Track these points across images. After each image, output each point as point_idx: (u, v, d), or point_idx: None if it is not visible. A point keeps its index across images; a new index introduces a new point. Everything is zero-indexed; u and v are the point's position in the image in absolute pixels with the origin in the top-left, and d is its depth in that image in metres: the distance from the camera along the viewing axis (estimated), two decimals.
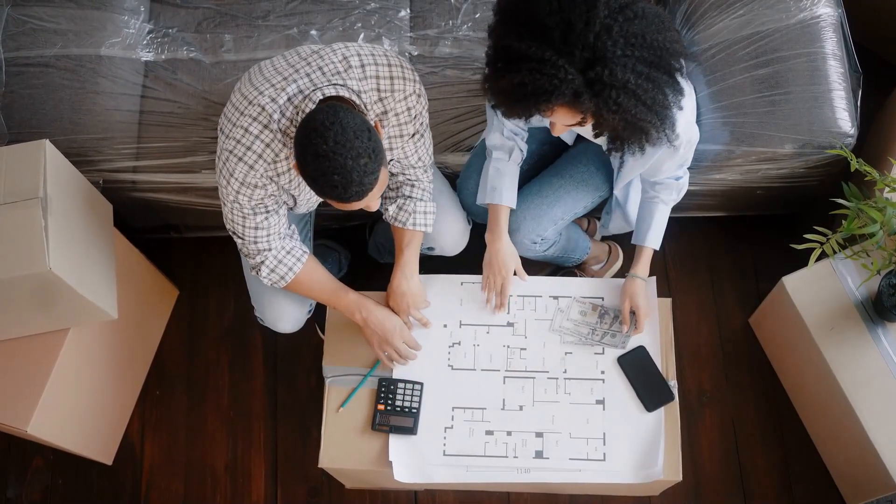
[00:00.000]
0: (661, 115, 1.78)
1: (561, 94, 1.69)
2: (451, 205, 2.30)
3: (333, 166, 1.68)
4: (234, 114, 1.90)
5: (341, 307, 2.17)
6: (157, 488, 2.63)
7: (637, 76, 1.70)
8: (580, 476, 2.10)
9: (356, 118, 1.71)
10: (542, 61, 1.67)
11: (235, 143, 1.89)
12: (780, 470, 2.56)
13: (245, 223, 2.00)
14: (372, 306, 2.16)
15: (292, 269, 2.10)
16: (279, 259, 2.09)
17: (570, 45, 1.67)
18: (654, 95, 1.74)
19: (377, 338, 2.16)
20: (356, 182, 1.70)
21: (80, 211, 2.23)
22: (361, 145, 1.69)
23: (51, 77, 2.44)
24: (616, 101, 1.70)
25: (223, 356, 2.77)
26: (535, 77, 1.68)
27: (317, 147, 1.67)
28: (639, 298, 2.18)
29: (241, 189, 1.92)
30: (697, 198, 2.53)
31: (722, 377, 2.67)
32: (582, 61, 1.68)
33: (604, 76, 1.67)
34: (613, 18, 1.67)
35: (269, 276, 2.10)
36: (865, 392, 2.18)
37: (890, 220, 1.92)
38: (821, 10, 2.35)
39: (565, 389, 2.16)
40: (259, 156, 1.88)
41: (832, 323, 2.25)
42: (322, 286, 2.16)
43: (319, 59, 1.90)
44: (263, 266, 2.08)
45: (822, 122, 2.28)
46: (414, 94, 1.96)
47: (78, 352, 2.33)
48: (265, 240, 2.04)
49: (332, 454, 2.14)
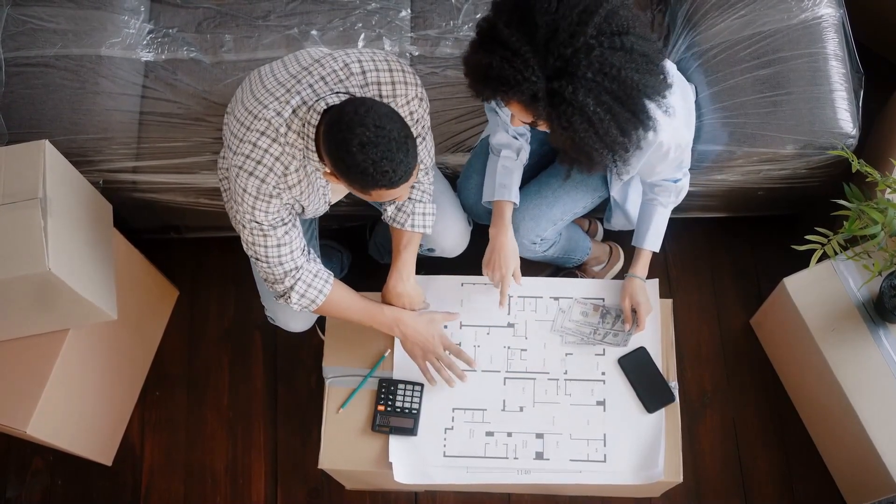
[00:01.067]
0: (611, 148, 1.80)
1: (519, 91, 1.72)
2: (452, 206, 2.29)
3: (381, 152, 1.68)
4: (240, 129, 1.89)
5: (377, 324, 2.13)
6: (156, 489, 2.63)
7: (597, 104, 1.72)
8: (580, 477, 2.09)
9: (383, 104, 1.73)
10: (515, 53, 1.70)
11: (245, 158, 1.87)
12: (781, 471, 2.56)
13: (267, 242, 1.97)
14: (408, 319, 2.13)
15: (322, 292, 2.06)
16: (308, 282, 2.04)
17: (548, 50, 1.69)
18: (608, 128, 1.75)
19: (419, 350, 2.13)
20: (403, 163, 1.71)
21: (80, 211, 2.23)
22: (396, 126, 1.71)
23: (51, 77, 2.44)
24: (568, 119, 1.73)
25: (223, 357, 2.76)
26: (504, 66, 1.71)
27: (360, 136, 1.67)
28: (639, 296, 2.17)
29: (257, 203, 1.90)
30: (698, 198, 2.52)
31: (723, 378, 2.66)
32: (552, 69, 1.70)
33: (565, 92, 1.70)
34: (599, 41, 1.69)
35: (300, 301, 2.06)
36: (866, 393, 2.17)
37: (891, 222, 1.91)
38: (822, 11, 2.35)
39: (566, 390, 2.16)
40: (270, 169, 1.87)
41: (833, 324, 2.24)
42: (354, 306, 2.12)
43: (321, 68, 1.89)
44: (293, 292, 2.04)
45: (823, 122, 2.28)
46: (416, 98, 1.96)
47: (77, 352, 2.33)
48: (289, 258, 2.00)
49: (332, 455, 2.13)
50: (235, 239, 2.41)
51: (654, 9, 2.56)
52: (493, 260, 2.18)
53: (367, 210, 2.44)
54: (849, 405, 2.17)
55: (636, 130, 1.80)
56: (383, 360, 2.19)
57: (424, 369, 2.14)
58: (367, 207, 2.40)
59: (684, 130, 2.06)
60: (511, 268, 2.19)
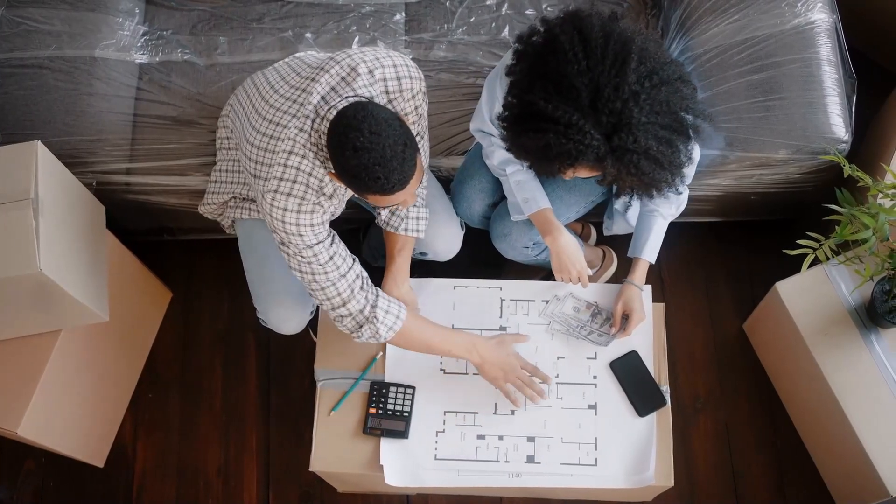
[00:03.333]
0: (674, 173, 1.82)
1: (585, 159, 1.73)
2: (445, 210, 2.29)
3: (373, 157, 1.67)
4: (263, 154, 1.87)
5: (455, 351, 2.09)
6: (148, 491, 2.62)
7: (658, 142, 1.73)
8: (571, 481, 2.09)
9: (384, 109, 1.73)
10: (568, 125, 1.69)
11: (278, 181, 1.85)
12: (773, 476, 2.55)
13: (320, 259, 1.93)
14: (483, 342, 2.10)
15: (399, 317, 2.02)
16: (386, 310, 2.00)
17: (598, 110, 1.69)
18: (672, 157, 1.77)
19: (500, 373, 2.10)
20: (397, 170, 1.70)
21: (72, 212, 2.22)
22: (395, 133, 1.70)
23: (45, 78, 2.44)
24: (637, 165, 1.74)
25: (216, 359, 2.76)
26: (561, 141, 1.70)
27: (354, 141, 1.67)
28: (634, 303, 2.18)
29: (300, 219, 1.87)
30: (692, 203, 2.51)
31: (716, 383, 2.66)
32: (608, 126, 1.70)
33: (628, 143, 1.70)
34: (641, 85, 1.70)
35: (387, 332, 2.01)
36: (858, 398, 2.17)
37: (882, 227, 1.91)
38: (815, 16, 2.35)
39: (557, 394, 2.16)
40: (307, 186, 1.86)
41: (825, 328, 2.24)
42: (433, 331, 2.08)
43: (329, 77, 1.87)
44: (380, 324, 1.99)
45: (816, 127, 2.28)
46: (421, 92, 1.96)
47: (69, 353, 2.33)
48: (347, 269, 1.96)
49: (324, 458, 2.13)
50: (229, 241, 2.42)
51: (647, 13, 2.56)
52: (562, 263, 2.17)
53: (360, 213, 2.44)
54: (840, 410, 2.17)
55: (687, 146, 1.82)
56: (375, 362, 2.19)
57: (507, 392, 2.11)
58: (361, 211, 2.40)
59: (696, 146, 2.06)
60: (583, 262, 2.19)
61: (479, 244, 2.42)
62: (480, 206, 2.33)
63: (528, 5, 2.58)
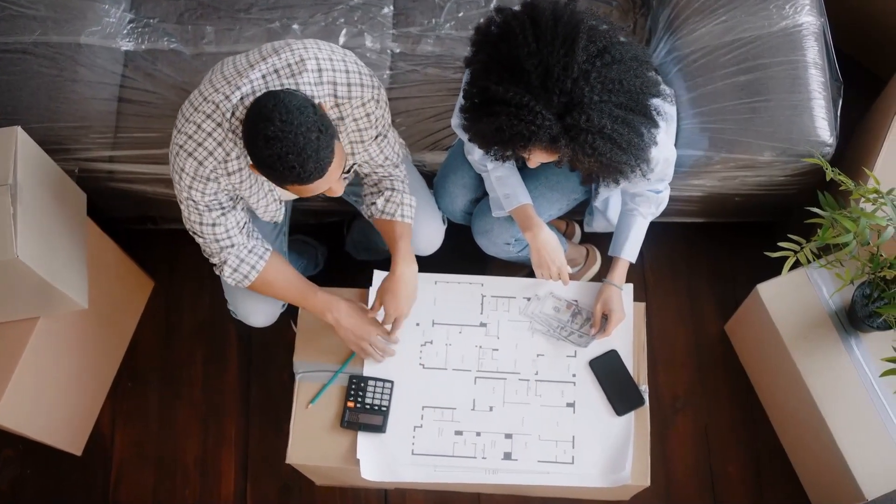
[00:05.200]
0: (636, 155, 1.81)
1: (539, 139, 1.73)
2: (427, 204, 2.28)
3: (286, 146, 1.66)
4: (189, 109, 1.89)
5: (310, 307, 2.14)
6: (126, 481, 2.62)
7: (613, 121, 1.72)
8: (548, 479, 2.09)
9: (297, 97, 1.70)
10: (520, 106, 1.70)
11: (187, 138, 1.87)
12: (751, 478, 2.56)
13: (202, 220, 1.98)
14: (343, 305, 2.13)
15: (255, 268, 2.07)
16: (241, 258, 2.06)
17: (548, 90, 1.69)
18: (630, 138, 1.77)
19: (352, 336, 2.14)
20: (312, 158, 1.68)
21: (52, 199, 2.21)
22: (308, 120, 1.68)
23: (28, 64, 2.42)
24: (592, 146, 1.73)
25: (197, 350, 2.75)
26: (514, 122, 1.71)
27: (265, 131, 1.66)
28: (613, 303, 2.17)
29: (193, 184, 1.90)
30: (676, 203, 2.52)
31: (697, 383, 2.66)
32: (559, 106, 1.70)
33: (580, 122, 1.70)
34: (591, 63, 1.70)
35: (233, 275, 2.08)
36: (836, 402, 2.17)
37: (863, 231, 1.91)
38: (803, 19, 2.35)
39: (536, 391, 2.15)
40: (210, 153, 1.86)
41: (806, 331, 2.24)
42: (289, 285, 2.13)
43: (277, 60, 1.87)
44: (226, 266, 2.06)
45: (801, 130, 2.28)
46: (372, 100, 1.93)
47: (47, 341, 2.32)
48: (225, 236, 2.02)
49: (300, 451, 2.13)
50: None
51: (636, 12, 2.56)
52: (542, 259, 2.18)
53: (344, 206, 2.44)
54: (818, 413, 2.17)
55: (650, 130, 1.82)
56: (354, 355, 2.19)
57: (358, 352, 2.15)
58: (344, 203, 2.40)
59: (671, 145, 2.07)
60: (563, 259, 2.19)
61: (462, 240, 2.42)
62: (463, 202, 2.32)
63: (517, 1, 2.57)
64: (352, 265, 2.74)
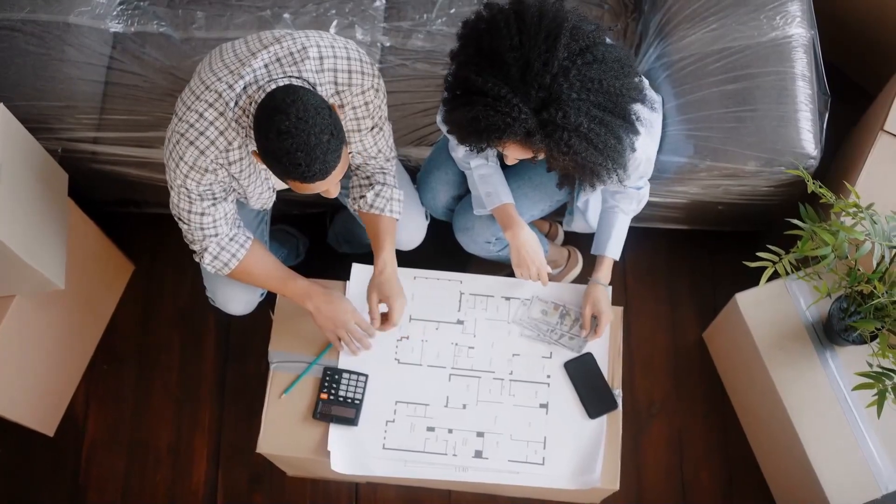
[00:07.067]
0: (613, 158, 1.80)
1: (513, 132, 1.72)
2: (411, 199, 2.28)
3: (297, 143, 1.66)
4: (191, 97, 1.87)
5: (289, 295, 2.13)
6: (97, 464, 2.61)
7: (590, 120, 1.72)
8: (518, 478, 2.09)
9: (316, 96, 1.71)
10: (497, 98, 1.69)
11: (189, 126, 1.85)
12: (722, 486, 2.56)
13: (191, 208, 1.97)
14: (322, 293, 2.13)
15: (235, 256, 2.07)
16: (222, 246, 2.05)
17: (527, 84, 1.69)
18: (606, 140, 1.76)
19: (330, 324, 2.13)
20: (320, 159, 1.69)
21: (33, 178, 2.20)
22: (323, 122, 1.68)
23: (15, 41, 2.41)
24: (567, 143, 1.73)
25: (175, 336, 2.74)
26: (490, 113, 1.70)
27: (279, 124, 1.66)
28: (602, 304, 2.17)
29: (190, 173, 1.88)
30: (659, 209, 2.53)
31: (672, 390, 2.67)
32: (537, 101, 1.70)
33: (557, 118, 1.69)
34: (572, 61, 1.69)
35: (213, 263, 2.07)
36: (809, 414, 2.18)
37: (841, 244, 1.92)
38: (793, 30, 2.35)
39: (510, 391, 2.15)
40: (212, 142, 1.85)
41: (782, 342, 2.25)
42: (268, 273, 2.12)
43: (279, 48, 1.86)
44: (206, 253, 2.05)
45: (786, 141, 2.28)
46: (372, 88, 1.94)
47: (23, 320, 2.31)
48: (211, 226, 2.01)
49: (271, 440, 2.12)
50: None
51: (627, 16, 2.56)
52: (521, 258, 2.17)
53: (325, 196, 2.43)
54: (791, 424, 2.18)
55: (629, 135, 1.81)
56: (330, 347, 2.18)
57: (334, 342, 2.14)
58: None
59: (649, 142, 2.06)
60: (542, 259, 2.19)
61: (443, 236, 2.41)
62: (445, 198, 2.32)
63: None
64: (333, 257, 2.73)
